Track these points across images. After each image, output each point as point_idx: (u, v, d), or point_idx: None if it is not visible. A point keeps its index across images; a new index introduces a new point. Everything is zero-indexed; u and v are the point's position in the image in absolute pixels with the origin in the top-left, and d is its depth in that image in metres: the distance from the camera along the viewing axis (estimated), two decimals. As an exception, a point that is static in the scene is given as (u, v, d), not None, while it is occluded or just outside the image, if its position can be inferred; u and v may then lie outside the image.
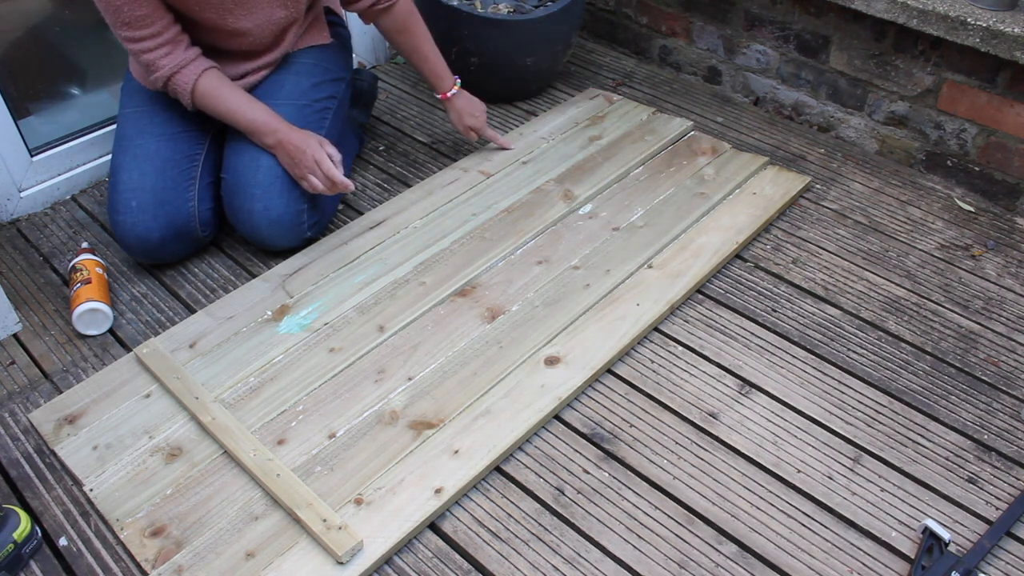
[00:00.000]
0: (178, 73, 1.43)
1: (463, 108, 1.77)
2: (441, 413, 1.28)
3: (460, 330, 1.42)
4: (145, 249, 1.52)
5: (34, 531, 1.13)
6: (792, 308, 1.51)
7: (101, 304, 1.45)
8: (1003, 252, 1.64)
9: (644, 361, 1.41)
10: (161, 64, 1.42)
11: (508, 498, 1.20)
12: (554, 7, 1.92)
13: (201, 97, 1.46)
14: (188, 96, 1.46)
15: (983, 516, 1.18)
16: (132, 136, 1.53)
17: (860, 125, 1.93)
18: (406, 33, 1.67)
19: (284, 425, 1.26)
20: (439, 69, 1.72)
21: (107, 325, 1.47)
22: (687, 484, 1.22)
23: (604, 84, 2.16)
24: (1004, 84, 1.66)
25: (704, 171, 1.78)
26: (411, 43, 1.68)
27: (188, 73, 1.44)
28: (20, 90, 1.71)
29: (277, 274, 1.53)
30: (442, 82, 1.73)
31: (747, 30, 2.02)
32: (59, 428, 1.26)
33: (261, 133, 1.48)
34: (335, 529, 1.10)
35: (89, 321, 1.45)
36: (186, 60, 1.43)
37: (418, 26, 1.67)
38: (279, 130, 1.47)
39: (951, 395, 1.35)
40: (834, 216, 1.73)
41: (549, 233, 1.62)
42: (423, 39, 1.68)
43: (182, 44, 1.43)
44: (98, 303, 1.44)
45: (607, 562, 1.12)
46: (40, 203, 1.76)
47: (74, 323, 1.44)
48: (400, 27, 1.65)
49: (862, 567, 1.12)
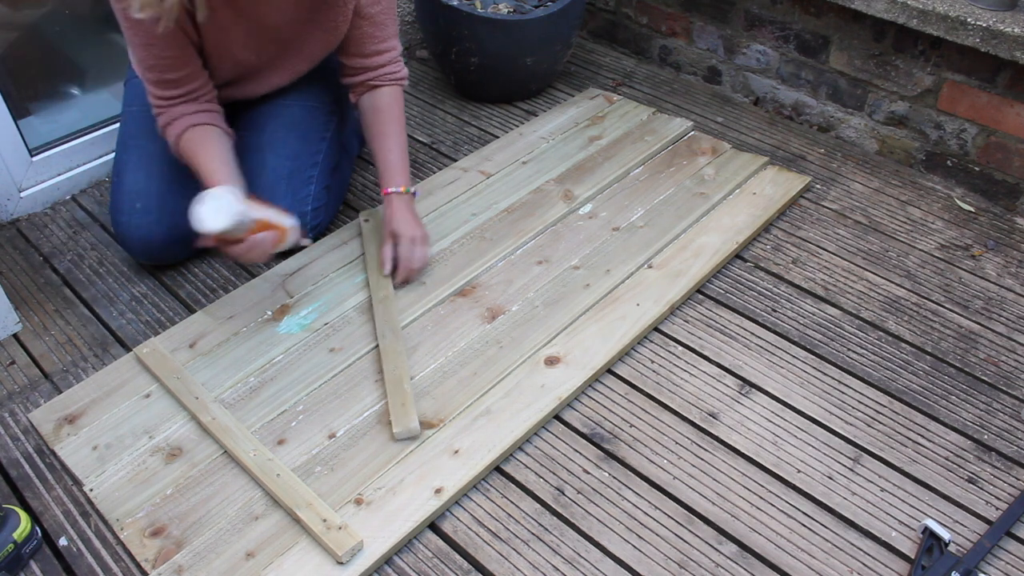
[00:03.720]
0: (170, 125, 1.39)
1: (402, 215, 1.49)
2: (441, 413, 1.28)
3: (460, 330, 1.42)
4: (147, 251, 1.52)
5: (34, 531, 1.13)
6: (792, 308, 1.51)
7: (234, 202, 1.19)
8: (1003, 252, 1.64)
9: (644, 361, 1.41)
10: (160, 116, 1.40)
11: (508, 498, 1.20)
12: (554, 7, 1.92)
13: (182, 150, 1.40)
14: (174, 150, 1.41)
15: (983, 516, 1.18)
16: (136, 136, 1.53)
17: (860, 125, 1.93)
18: (383, 113, 1.52)
19: (284, 425, 1.26)
20: (398, 166, 1.51)
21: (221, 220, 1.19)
22: (687, 484, 1.22)
23: (604, 84, 2.16)
24: (1004, 84, 1.66)
25: (704, 171, 1.78)
26: (380, 125, 1.52)
27: (177, 126, 1.39)
28: (20, 90, 1.71)
29: (277, 274, 1.53)
30: (394, 179, 1.49)
31: (747, 30, 2.02)
32: (59, 428, 1.26)
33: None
34: (335, 529, 1.10)
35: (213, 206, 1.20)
36: (184, 112, 1.38)
37: (396, 112, 1.54)
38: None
39: (951, 395, 1.35)
40: (834, 216, 1.73)
41: (549, 233, 1.62)
42: (395, 128, 1.52)
43: (199, 100, 1.39)
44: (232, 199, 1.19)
45: (607, 562, 1.12)
46: (40, 203, 1.76)
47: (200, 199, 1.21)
48: (382, 106, 1.53)
49: (862, 567, 1.12)
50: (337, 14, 1.43)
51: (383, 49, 1.51)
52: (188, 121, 1.38)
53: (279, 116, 1.57)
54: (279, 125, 1.56)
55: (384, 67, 1.52)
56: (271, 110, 1.58)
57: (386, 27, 1.50)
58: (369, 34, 1.48)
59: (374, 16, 1.46)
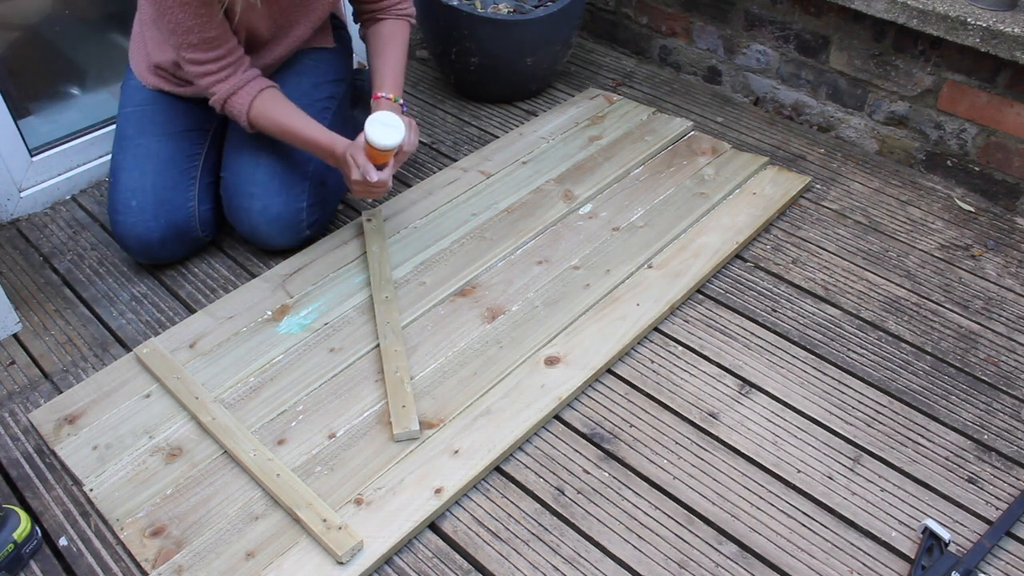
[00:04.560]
0: (234, 95, 1.43)
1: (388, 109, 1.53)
2: (441, 413, 1.28)
3: (460, 330, 1.42)
4: (145, 249, 1.52)
5: (34, 531, 1.13)
6: (792, 308, 1.51)
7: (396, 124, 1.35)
8: (1003, 252, 1.64)
9: (644, 361, 1.41)
10: (218, 89, 1.42)
11: (508, 498, 1.20)
12: (554, 7, 1.92)
13: (255, 118, 1.44)
14: (244, 118, 1.44)
15: (983, 516, 1.18)
16: (133, 135, 1.53)
17: (860, 125, 1.93)
18: (384, 37, 1.59)
19: (284, 425, 1.26)
20: (389, 76, 1.56)
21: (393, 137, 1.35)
22: (687, 484, 1.22)
23: (604, 84, 2.16)
24: (1004, 84, 1.66)
25: (704, 171, 1.78)
26: (381, 44, 1.59)
27: (243, 95, 1.43)
28: (20, 90, 1.71)
29: (277, 274, 1.53)
30: (384, 86, 1.54)
31: (747, 30, 2.02)
32: (59, 428, 1.26)
33: (322, 154, 1.46)
34: (335, 529, 1.10)
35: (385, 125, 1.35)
36: (242, 82, 1.42)
37: (399, 39, 1.60)
38: (335, 149, 1.43)
39: (951, 395, 1.35)
40: (834, 216, 1.73)
41: (549, 233, 1.62)
42: (394, 48, 1.58)
43: (242, 66, 1.43)
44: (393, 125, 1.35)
45: (607, 562, 1.12)
46: (40, 203, 1.76)
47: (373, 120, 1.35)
48: (384, 32, 1.59)
49: (862, 567, 1.12)
50: None
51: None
52: (253, 89, 1.43)
53: None
54: None
55: (392, 7, 1.59)
56: None
57: None
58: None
59: None
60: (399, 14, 1.61)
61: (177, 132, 1.54)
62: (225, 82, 1.42)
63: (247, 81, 1.43)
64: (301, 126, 1.44)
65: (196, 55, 1.38)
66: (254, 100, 1.43)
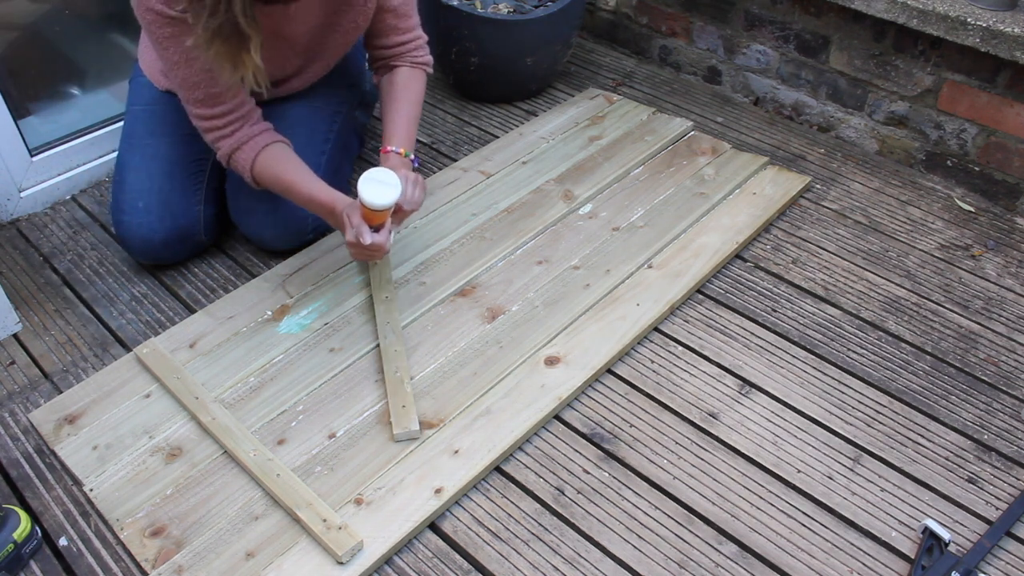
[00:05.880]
0: (238, 150, 1.38)
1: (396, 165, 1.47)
2: (441, 413, 1.28)
3: (460, 330, 1.42)
4: (147, 250, 1.52)
5: (34, 531, 1.13)
6: (792, 308, 1.51)
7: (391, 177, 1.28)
8: (1003, 252, 1.64)
9: (644, 361, 1.41)
10: (222, 144, 1.38)
11: (508, 498, 1.20)
12: (554, 7, 1.92)
13: (259, 174, 1.39)
14: (248, 174, 1.40)
15: (983, 516, 1.18)
16: (142, 135, 1.52)
17: (860, 125, 1.93)
18: (397, 87, 1.53)
19: (284, 425, 1.26)
20: (401, 131, 1.49)
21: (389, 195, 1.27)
22: (687, 484, 1.22)
23: (604, 84, 2.16)
24: (1004, 84, 1.66)
25: (704, 171, 1.78)
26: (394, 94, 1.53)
27: (247, 151, 1.38)
28: (20, 90, 1.71)
29: (277, 274, 1.53)
30: (393, 139, 1.48)
31: (747, 30, 2.02)
32: (59, 428, 1.26)
33: (322, 212, 1.39)
34: (335, 529, 1.10)
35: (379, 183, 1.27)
36: (247, 137, 1.38)
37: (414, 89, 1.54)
38: (335, 207, 1.37)
39: (951, 395, 1.35)
40: (834, 216, 1.73)
41: (549, 233, 1.62)
42: (407, 99, 1.52)
43: (249, 120, 1.39)
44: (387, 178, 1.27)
45: (607, 562, 1.12)
46: (40, 203, 1.76)
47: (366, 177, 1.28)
48: (398, 81, 1.54)
49: (862, 567, 1.12)
50: (358, 14, 1.44)
51: (406, 40, 1.53)
52: (257, 144, 1.38)
53: (283, 118, 1.57)
54: (283, 127, 1.56)
55: (407, 54, 1.55)
56: (275, 112, 1.58)
57: (409, 18, 1.52)
58: (392, 26, 1.50)
59: (396, 8, 1.48)
60: (415, 62, 1.55)
61: (186, 134, 1.52)
62: (230, 138, 1.37)
63: (252, 136, 1.38)
64: (300, 181, 1.37)
65: (202, 110, 1.35)
66: (258, 156, 1.38)
